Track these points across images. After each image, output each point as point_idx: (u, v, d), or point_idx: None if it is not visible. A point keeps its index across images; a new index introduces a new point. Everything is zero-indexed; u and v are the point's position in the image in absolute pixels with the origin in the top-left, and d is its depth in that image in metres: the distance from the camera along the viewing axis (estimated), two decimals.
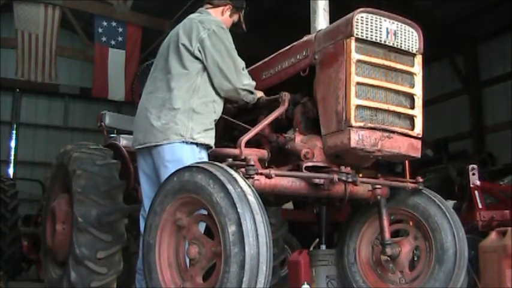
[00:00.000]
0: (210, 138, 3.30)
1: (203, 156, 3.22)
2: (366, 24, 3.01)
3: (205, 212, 2.65)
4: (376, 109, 3.04)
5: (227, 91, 3.35)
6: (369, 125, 2.99)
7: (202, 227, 2.81)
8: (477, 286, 4.98)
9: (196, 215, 2.77)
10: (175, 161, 3.08)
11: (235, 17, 3.74)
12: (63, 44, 13.59)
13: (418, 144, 3.20)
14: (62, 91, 15.36)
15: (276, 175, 2.96)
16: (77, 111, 16.15)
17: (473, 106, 12.72)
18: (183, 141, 3.17)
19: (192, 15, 3.52)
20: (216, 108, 3.37)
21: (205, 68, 3.30)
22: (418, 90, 3.18)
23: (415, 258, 3.65)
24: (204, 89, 3.30)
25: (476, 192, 6.39)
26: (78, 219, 3.78)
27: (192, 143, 3.19)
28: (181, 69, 3.29)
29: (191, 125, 3.20)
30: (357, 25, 2.99)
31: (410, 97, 3.18)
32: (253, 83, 3.45)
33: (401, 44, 3.12)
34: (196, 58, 3.29)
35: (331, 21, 3.96)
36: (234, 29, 3.77)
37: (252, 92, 3.43)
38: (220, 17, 3.59)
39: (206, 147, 3.27)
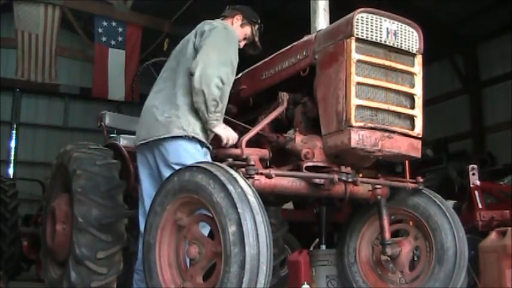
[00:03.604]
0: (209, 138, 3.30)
1: (208, 157, 3.21)
2: (366, 24, 3.01)
3: (205, 212, 2.65)
4: (376, 109, 3.04)
5: (194, 79, 3.13)
6: (369, 125, 2.99)
7: (206, 230, 2.82)
8: (477, 286, 4.98)
9: (196, 215, 2.77)
10: (180, 164, 3.02)
11: (248, 30, 3.74)
12: (63, 44, 13.58)
13: (418, 144, 3.20)
14: (62, 91, 15.37)
15: (276, 175, 2.96)
16: (77, 111, 16.16)
17: (473, 106, 12.73)
18: (186, 136, 3.16)
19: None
20: None
21: None
22: (418, 90, 3.18)
23: (415, 258, 3.65)
24: None
25: (476, 192, 6.39)
26: (78, 219, 3.78)
27: (194, 138, 3.17)
28: (187, 66, 3.29)
29: (193, 121, 3.20)
30: (357, 25, 2.99)
31: (411, 97, 3.18)
32: (218, 94, 3.12)
33: (401, 44, 3.12)
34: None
35: (331, 21, 3.95)
36: (250, 50, 3.79)
37: (215, 101, 3.11)
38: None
39: (208, 148, 3.27)
